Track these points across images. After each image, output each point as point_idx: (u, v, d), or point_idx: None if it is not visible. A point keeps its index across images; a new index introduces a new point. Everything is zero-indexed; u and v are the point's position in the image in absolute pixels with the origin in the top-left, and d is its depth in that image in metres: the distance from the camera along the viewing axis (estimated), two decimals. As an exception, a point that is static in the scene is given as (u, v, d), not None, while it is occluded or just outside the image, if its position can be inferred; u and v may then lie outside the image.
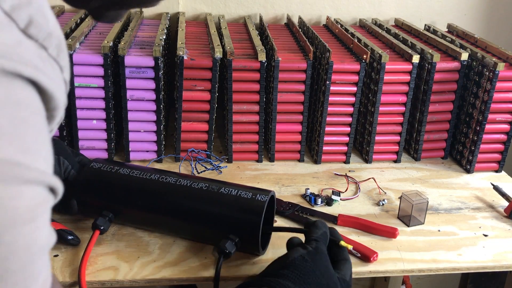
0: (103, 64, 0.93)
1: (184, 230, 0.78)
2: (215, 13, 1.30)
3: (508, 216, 0.91)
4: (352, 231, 0.84)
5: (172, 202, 0.75)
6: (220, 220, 0.73)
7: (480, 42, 1.12)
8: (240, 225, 0.71)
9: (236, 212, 0.72)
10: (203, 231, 0.76)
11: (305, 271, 0.59)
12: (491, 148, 1.06)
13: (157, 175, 0.77)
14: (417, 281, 1.68)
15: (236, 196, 0.73)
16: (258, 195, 0.72)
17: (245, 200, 0.72)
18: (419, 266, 0.77)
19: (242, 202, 0.72)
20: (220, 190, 0.74)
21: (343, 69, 0.99)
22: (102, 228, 0.75)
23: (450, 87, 1.05)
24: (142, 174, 0.77)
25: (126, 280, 0.71)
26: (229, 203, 0.72)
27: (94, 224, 0.75)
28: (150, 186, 0.76)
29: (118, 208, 0.77)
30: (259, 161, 1.05)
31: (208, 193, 0.74)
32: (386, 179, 1.02)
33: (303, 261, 0.60)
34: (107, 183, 0.78)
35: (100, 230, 0.75)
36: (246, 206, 0.72)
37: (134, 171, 0.78)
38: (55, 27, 0.35)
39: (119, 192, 0.77)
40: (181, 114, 0.99)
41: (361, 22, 1.33)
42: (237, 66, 0.97)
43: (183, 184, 0.75)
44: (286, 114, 1.03)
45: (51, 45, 0.35)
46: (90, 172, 0.78)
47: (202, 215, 0.74)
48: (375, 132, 1.05)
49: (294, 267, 0.59)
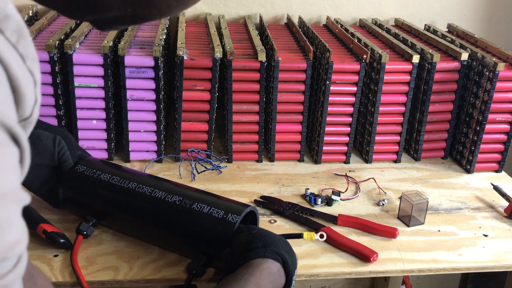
0: (103, 64, 0.93)
1: (159, 242, 0.77)
2: (215, 13, 1.30)
3: (508, 216, 0.91)
4: (352, 231, 0.84)
5: (144, 216, 0.74)
6: (189, 239, 0.71)
7: (480, 42, 1.12)
8: (208, 245, 0.70)
9: (204, 232, 0.70)
10: (176, 246, 0.75)
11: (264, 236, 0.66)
12: (491, 148, 1.06)
13: (134, 183, 0.75)
14: (417, 281, 1.68)
15: (206, 215, 0.70)
16: (230, 214, 0.69)
17: (215, 220, 0.69)
18: (419, 266, 0.77)
19: (211, 222, 0.69)
20: (193, 206, 0.71)
21: (343, 69, 0.99)
22: (85, 233, 0.76)
23: (450, 87, 1.05)
24: (121, 181, 0.76)
25: (126, 280, 0.71)
26: (198, 222, 0.70)
27: (77, 229, 0.76)
28: (125, 197, 0.75)
29: (98, 214, 0.78)
30: (259, 161, 1.05)
31: (179, 209, 0.71)
32: (386, 179, 1.02)
33: (255, 233, 0.66)
34: (87, 190, 0.78)
35: (83, 235, 0.76)
36: (215, 227, 0.69)
37: (115, 177, 0.76)
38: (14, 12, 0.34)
39: (97, 199, 0.77)
40: (181, 114, 0.99)
41: (361, 22, 1.33)
42: (237, 66, 0.97)
43: (157, 197, 0.73)
44: (286, 114, 1.03)
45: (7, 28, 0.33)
46: (74, 175, 0.77)
47: (173, 232, 0.73)
48: (375, 132, 1.05)
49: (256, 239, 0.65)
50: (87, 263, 0.73)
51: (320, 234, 0.67)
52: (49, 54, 0.91)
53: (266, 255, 0.63)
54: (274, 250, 0.64)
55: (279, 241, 0.66)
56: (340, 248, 0.79)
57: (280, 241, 0.66)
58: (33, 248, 0.75)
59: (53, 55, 0.92)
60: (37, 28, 1.02)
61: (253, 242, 0.65)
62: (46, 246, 0.75)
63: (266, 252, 0.63)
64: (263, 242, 0.65)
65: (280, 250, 0.64)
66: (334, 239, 0.80)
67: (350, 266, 0.76)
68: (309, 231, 0.83)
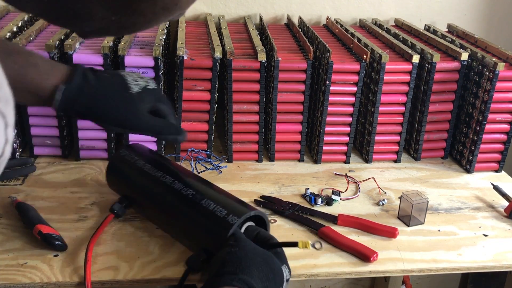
0: (103, 64, 0.93)
1: (173, 233, 0.79)
2: (215, 13, 1.30)
3: (508, 216, 0.91)
4: (352, 231, 0.84)
5: (162, 205, 0.77)
6: (193, 233, 0.73)
7: (480, 42, 1.12)
8: (207, 242, 0.71)
9: (205, 230, 0.71)
10: (184, 239, 0.77)
11: (239, 259, 0.61)
12: (491, 148, 1.06)
13: (160, 172, 0.79)
14: (417, 281, 1.68)
15: (211, 212, 0.71)
16: (232, 215, 0.70)
17: (216, 218, 0.70)
18: (419, 266, 0.77)
19: (213, 220, 0.70)
20: (201, 202, 0.73)
21: (343, 69, 0.99)
22: (116, 212, 0.81)
23: (450, 87, 1.05)
24: (150, 169, 0.80)
25: (126, 280, 0.71)
26: (202, 218, 0.72)
27: (111, 208, 0.81)
28: (150, 184, 0.79)
29: (129, 197, 0.82)
30: (259, 161, 1.05)
31: (190, 203, 0.73)
32: (386, 179, 1.02)
33: (232, 253, 0.62)
34: (124, 173, 0.83)
35: (114, 214, 0.81)
36: (214, 225, 0.70)
37: (147, 165, 0.81)
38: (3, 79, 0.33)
39: (129, 184, 0.83)
40: (181, 114, 0.99)
41: (361, 22, 1.33)
42: (237, 66, 0.97)
43: (175, 188, 0.76)
44: (286, 114, 1.03)
45: None
46: (117, 158, 0.84)
47: (182, 225, 0.75)
48: (375, 132, 1.05)
49: (230, 262, 0.61)
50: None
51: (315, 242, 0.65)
52: (49, 54, 0.91)
53: (233, 284, 0.58)
54: (244, 279, 0.58)
55: (256, 265, 0.61)
56: (340, 248, 0.79)
57: (257, 265, 0.61)
58: (32, 247, 0.75)
59: (53, 55, 0.92)
60: (37, 28, 1.02)
61: (226, 264, 0.61)
62: (46, 246, 0.75)
63: (233, 281, 0.58)
64: (236, 266, 0.60)
65: (252, 278, 0.59)
66: (334, 239, 0.80)
67: (350, 266, 0.76)
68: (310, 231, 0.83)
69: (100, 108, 0.71)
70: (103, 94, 0.72)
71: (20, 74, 0.66)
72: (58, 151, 1.00)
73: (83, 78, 0.70)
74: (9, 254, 0.73)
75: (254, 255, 0.63)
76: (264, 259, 0.63)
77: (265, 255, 0.64)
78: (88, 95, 0.70)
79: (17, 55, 0.67)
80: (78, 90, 0.70)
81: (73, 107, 0.70)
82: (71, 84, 0.69)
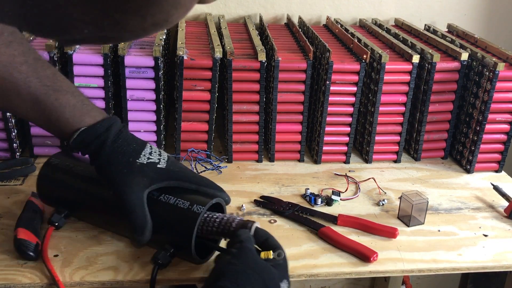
0: (103, 64, 0.93)
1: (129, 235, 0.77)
2: (215, 13, 1.30)
3: (508, 216, 0.91)
4: (352, 231, 0.84)
5: (113, 207, 0.74)
6: (155, 229, 0.71)
7: (480, 42, 1.12)
8: (173, 236, 0.70)
9: (169, 223, 0.70)
10: None
11: (237, 274, 0.60)
12: (491, 148, 1.06)
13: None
14: (417, 281, 1.68)
15: (172, 206, 0.71)
16: (196, 205, 0.70)
17: (180, 210, 0.70)
18: (419, 266, 0.77)
19: (176, 213, 0.70)
20: (160, 198, 0.72)
21: (343, 69, 0.99)
22: (56, 225, 0.76)
23: (450, 87, 1.05)
24: (93, 174, 0.75)
25: (126, 280, 0.71)
26: (164, 213, 0.71)
27: (49, 220, 0.76)
28: (95, 189, 0.76)
29: (70, 206, 0.78)
30: (259, 161, 1.05)
31: (147, 201, 0.71)
32: (386, 179, 1.02)
33: (232, 266, 0.61)
34: (61, 182, 0.78)
35: (55, 227, 0.76)
36: (179, 217, 0.70)
37: (87, 170, 0.77)
38: None
39: (69, 191, 0.78)
40: (181, 114, 0.99)
41: (361, 22, 1.33)
42: (237, 66, 0.97)
43: None
44: (286, 114, 1.03)
45: None
46: (49, 168, 0.79)
47: None
48: (375, 132, 1.05)
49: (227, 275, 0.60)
50: (87, 263, 0.73)
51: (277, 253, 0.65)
52: (49, 54, 0.91)
53: None
54: None
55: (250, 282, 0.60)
56: (340, 248, 0.79)
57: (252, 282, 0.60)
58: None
59: (53, 55, 0.92)
60: (37, 28, 1.01)
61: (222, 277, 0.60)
62: (46, 246, 0.75)
63: None
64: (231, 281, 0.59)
65: None
66: (334, 239, 0.80)
67: (350, 266, 0.76)
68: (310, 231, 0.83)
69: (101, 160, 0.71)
70: (112, 149, 0.71)
71: (58, 112, 0.70)
72: (58, 151, 1.00)
73: (106, 129, 0.71)
74: (9, 254, 0.73)
75: (253, 270, 0.61)
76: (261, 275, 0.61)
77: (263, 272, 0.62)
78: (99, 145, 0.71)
79: (60, 94, 0.71)
80: (95, 137, 0.71)
81: (84, 151, 0.72)
82: (91, 129, 0.71)
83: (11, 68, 0.68)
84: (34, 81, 0.69)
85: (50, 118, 0.71)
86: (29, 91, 0.69)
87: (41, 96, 0.70)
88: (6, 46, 0.68)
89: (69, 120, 0.71)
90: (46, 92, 0.70)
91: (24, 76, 0.69)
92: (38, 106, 0.70)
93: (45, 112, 0.70)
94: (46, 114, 0.71)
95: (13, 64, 0.69)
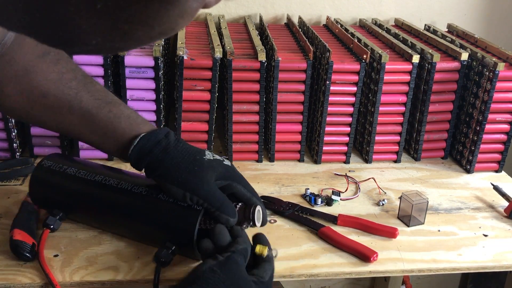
0: (103, 64, 0.93)
1: (128, 234, 0.77)
2: (215, 13, 1.30)
3: (508, 216, 0.91)
4: (352, 231, 0.84)
5: (111, 207, 0.75)
6: (156, 228, 0.72)
7: (480, 42, 1.12)
8: (175, 233, 0.70)
9: (170, 221, 0.70)
10: (144, 236, 0.76)
11: (214, 283, 0.58)
12: (491, 148, 1.06)
13: (101, 176, 0.76)
14: (417, 281, 1.68)
15: (172, 203, 0.71)
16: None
17: (181, 208, 0.70)
18: (419, 266, 0.77)
19: (177, 210, 0.70)
20: (159, 196, 0.72)
21: (343, 69, 0.99)
22: (52, 227, 0.76)
23: (450, 87, 1.05)
24: (87, 175, 0.76)
25: (126, 280, 0.71)
26: (164, 211, 0.71)
27: (44, 223, 0.76)
28: (92, 189, 0.75)
29: (66, 207, 0.78)
30: (259, 161, 1.05)
31: (145, 199, 0.72)
32: (386, 179, 1.02)
33: (212, 273, 0.59)
34: (54, 184, 0.78)
35: (50, 229, 0.76)
36: (180, 214, 0.70)
37: (81, 171, 0.77)
38: None
39: (64, 193, 0.78)
40: (181, 114, 0.99)
41: (361, 22, 1.33)
42: (237, 66, 0.97)
43: (123, 188, 0.74)
44: (286, 114, 1.03)
45: None
46: (41, 171, 0.78)
47: (140, 221, 0.73)
48: (375, 132, 1.05)
49: (203, 280, 0.58)
50: (87, 263, 0.73)
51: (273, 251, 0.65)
52: (49, 54, 0.91)
53: None
54: None
55: None
56: (340, 248, 0.79)
57: None
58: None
59: (53, 55, 0.92)
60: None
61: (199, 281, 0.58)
62: (46, 246, 0.75)
63: None
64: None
65: None
66: (334, 239, 0.80)
67: (350, 266, 0.76)
68: (310, 231, 0.83)
69: (168, 162, 0.70)
70: (177, 151, 0.70)
71: (114, 123, 0.71)
72: (58, 151, 1.00)
73: (165, 136, 0.71)
74: (9, 254, 0.73)
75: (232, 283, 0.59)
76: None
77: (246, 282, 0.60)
78: (162, 149, 0.70)
79: (113, 106, 0.72)
80: (156, 143, 0.70)
81: (146, 157, 0.70)
82: (151, 135, 0.71)
83: (61, 85, 0.69)
84: (85, 95, 0.70)
85: (105, 130, 0.71)
86: (81, 106, 0.69)
87: (93, 109, 0.70)
88: (55, 64, 0.69)
89: (126, 130, 0.71)
90: (98, 105, 0.70)
91: (75, 91, 0.69)
92: (92, 120, 0.70)
93: (99, 125, 0.70)
94: (100, 126, 0.71)
95: (62, 81, 0.69)
